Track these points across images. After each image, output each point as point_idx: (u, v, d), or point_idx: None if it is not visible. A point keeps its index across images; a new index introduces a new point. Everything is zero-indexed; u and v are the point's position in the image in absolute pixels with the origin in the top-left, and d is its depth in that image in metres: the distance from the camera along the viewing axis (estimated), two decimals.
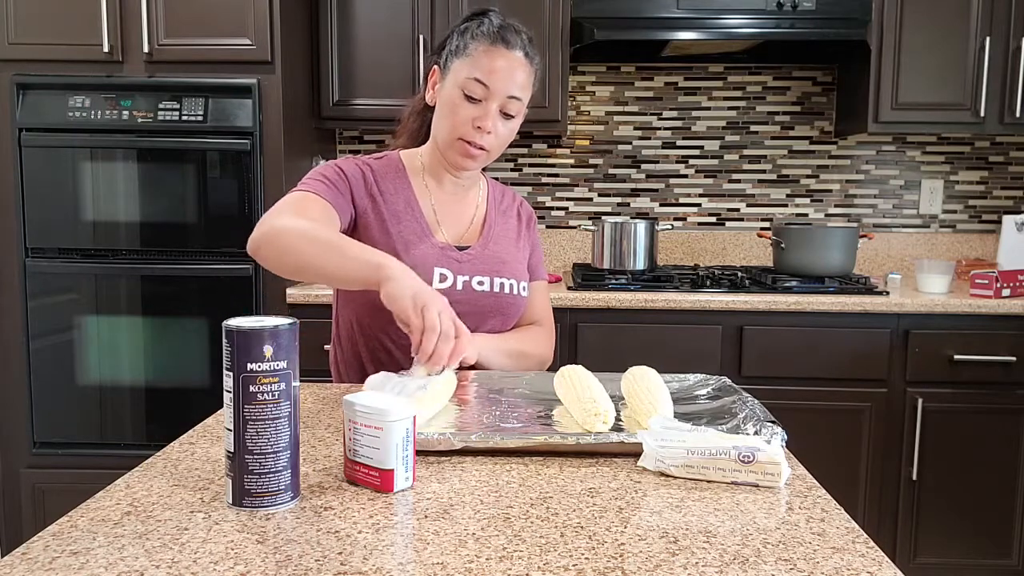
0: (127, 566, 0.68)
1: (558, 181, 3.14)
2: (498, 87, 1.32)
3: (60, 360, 2.54)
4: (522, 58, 1.34)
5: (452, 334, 1.04)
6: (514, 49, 1.33)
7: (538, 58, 1.39)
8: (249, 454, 0.80)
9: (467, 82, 1.32)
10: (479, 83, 1.31)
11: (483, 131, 1.33)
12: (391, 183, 1.39)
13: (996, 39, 2.66)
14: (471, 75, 1.31)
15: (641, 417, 1.06)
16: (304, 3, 2.69)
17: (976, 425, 2.48)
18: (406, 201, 1.38)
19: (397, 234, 1.35)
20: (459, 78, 1.32)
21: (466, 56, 1.33)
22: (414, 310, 1.05)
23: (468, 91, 1.32)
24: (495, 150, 1.38)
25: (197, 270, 2.50)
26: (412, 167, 1.43)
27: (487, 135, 1.34)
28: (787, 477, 0.90)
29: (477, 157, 1.36)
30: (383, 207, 1.36)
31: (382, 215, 1.35)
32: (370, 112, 2.76)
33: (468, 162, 1.37)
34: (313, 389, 1.30)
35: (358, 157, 1.41)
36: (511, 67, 1.33)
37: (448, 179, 1.43)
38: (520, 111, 1.37)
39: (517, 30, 1.36)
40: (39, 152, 2.48)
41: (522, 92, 1.35)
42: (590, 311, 2.46)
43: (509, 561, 0.70)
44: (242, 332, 0.79)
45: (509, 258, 1.44)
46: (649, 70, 3.08)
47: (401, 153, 1.46)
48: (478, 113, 1.32)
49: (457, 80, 1.33)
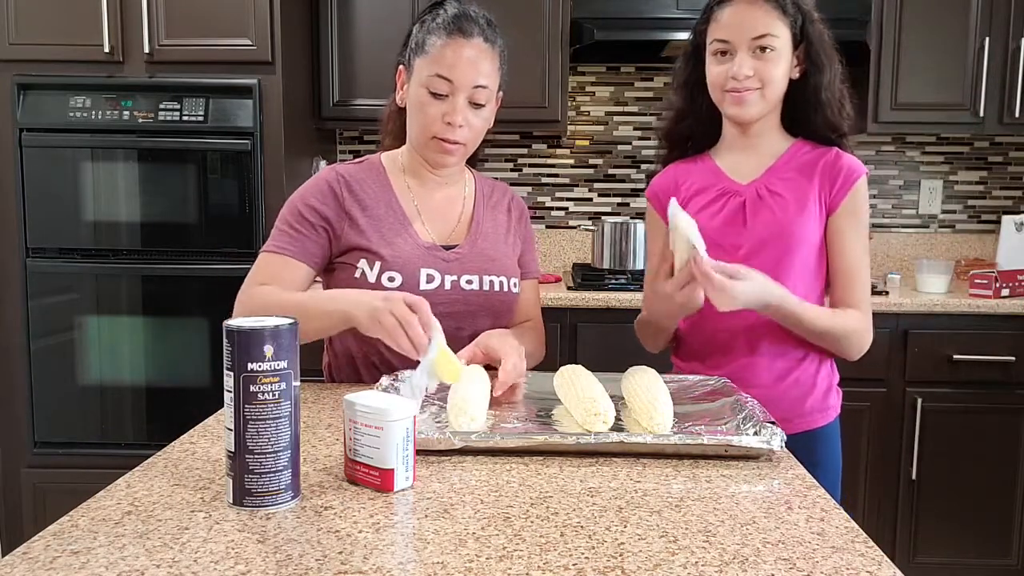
0: (128, 565, 0.68)
1: (558, 181, 3.14)
2: (461, 80, 1.30)
3: (61, 360, 2.54)
4: (482, 43, 1.32)
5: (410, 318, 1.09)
6: (472, 37, 1.31)
7: (500, 39, 1.36)
8: (249, 454, 0.80)
9: (430, 79, 1.30)
10: (442, 79, 1.30)
11: (454, 126, 1.31)
12: (370, 188, 1.38)
13: (995, 39, 2.66)
14: (432, 71, 1.30)
15: (641, 417, 1.06)
16: (304, 3, 2.69)
17: (975, 425, 2.48)
18: (387, 204, 1.38)
19: (380, 238, 1.34)
20: (422, 76, 1.31)
21: (425, 53, 1.32)
22: (375, 326, 1.12)
23: (433, 88, 1.30)
24: (471, 142, 1.37)
25: (198, 270, 2.50)
26: (392, 168, 1.42)
27: (460, 129, 1.32)
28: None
29: (454, 152, 1.35)
30: (360, 216, 1.35)
31: (361, 224, 1.35)
32: (370, 112, 2.75)
33: (446, 158, 1.36)
34: (313, 389, 1.30)
35: (334, 167, 1.40)
36: (472, 56, 1.30)
37: (430, 177, 1.42)
38: (490, 98, 1.35)
39: (473, 16, 1.33)
40: (40, 152, 2.48)
41: (487, 79, 1.32)
42: (590, 311, 2.46)
43: (509, 561, 0.70)
44: (243, 332, 0.79)
45: (498, 255, 1.43)
46: (649, 70, 3.08)
47: (382, 156, 1.45)
48: (446, 109, 1.31)
49: (420, 79, 1.32)
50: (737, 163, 1.42)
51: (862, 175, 1.36)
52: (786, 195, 1.36)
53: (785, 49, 1.33)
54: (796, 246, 1.34)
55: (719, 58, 1.35)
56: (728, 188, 1.40)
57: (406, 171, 1.42)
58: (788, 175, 1.38)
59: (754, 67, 1.32)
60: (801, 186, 1.36)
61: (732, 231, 1.37)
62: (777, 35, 1.32)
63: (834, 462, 1.41)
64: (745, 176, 1.40)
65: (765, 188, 1.37)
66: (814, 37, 1.34)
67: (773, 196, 1.36)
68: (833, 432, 1.42)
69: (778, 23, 1.32)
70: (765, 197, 1.37)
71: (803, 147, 1.40)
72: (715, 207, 1.40)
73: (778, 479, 0.92)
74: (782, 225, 1.34)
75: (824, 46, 1.35)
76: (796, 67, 1.36)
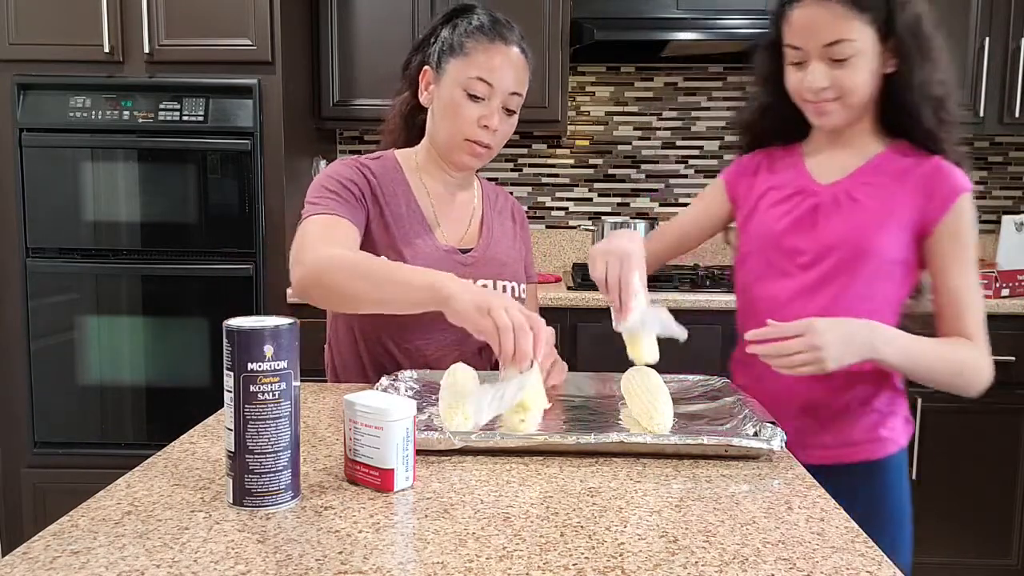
0: (128, 565, 0.68)
1: (558, 181, 3.14)
2: (501, 84, 1.31)
3: (60, 360, 2.54)
4: (519, 53, 1.34)
5: (526, 326, 1.01)
6: (512, 45, 1.33)
7: (531, 52, 1.38)
8: (249, 454, 0.80)
9: (470, 81, 1.30)
10: (482, 82, 1.30)
11: (490, 129, 1.32)
12: (390, 184, 1.38)
13: (996, 39, 2.66)
14: (473, 74, 1.30)
15: (641, 417, 1.06)
16: (304, 3, 2.69)
17: (975, 425, 2.48)
18: (407, 203, 1.37)
19: (401, 237, 1.34)
20: (460, 77, 1.31)
21: (464, 55, 1.32)
22: (482, 318, 1.02)
23: (471, 90, 1.30)
24: (497, 147, 1.37)
25: (198, 270, 2.50)
26: (408, 167, 1.42)
27: (493, 133, 1.33)
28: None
29: (482, 156, 1.36)
30: (385, 210, 1.35)
31: (385, 218, 1.34)
32: (370, 112, 2.75)
33: (472, 161, 1.37)
34: (313, 389, 1.30)
35: (355, 159, 1.38)
36: (512, 63, 1.32)
37: (445, 178, 1.42)
38: (519, 106, 1.37)
39: (510, 25, 1.35)
40: (40, 152, 2.48)
41: (522, 87, 1.35)
42: (590, 311, 2.46)
43: (509, 561, 0.70)
44: (243, 332, 0.79)
45: (509, 260, 1.44)
46: (649, 70, 3.08)
47: (396, 153, 1.44)
48: (483, 112, 1.31)
49: (458, 80, 1.31)
50: (823, 161, 1.29)
51: (965, 192, 1.20)
52: (867, 203, 1.22)
53: (867, 50, 1.17)
54: (866, 260, 1.21)
55: (795, 65, 1.22)
56: (804, 188, 1.28)
57: (421, 171, 1.42)
58: (875, 180, 1.23)
59: (830, 76, 1.18)
60: (889, 195, 1.22)
61: (798, 234, 1.26)
62: (853, 38, 1.16)
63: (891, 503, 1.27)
64: (828, 176, 1.27)
65: (845, 193, 1.24)
66: (903, 29, 1.18)
67: (852, 202, 1.23)
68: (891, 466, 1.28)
69: (854, 24, 1.16)
70: (842, 202, 1.24)
71: (900, 151, 1.25)
72: (785, 206, 1.29)
73: (778, 479, 0.92)
74: (854, 235, 1.21)
75: (918, 39, 1.19)
76: (890, 60, 1.20)
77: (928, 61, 1.19)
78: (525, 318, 1.01)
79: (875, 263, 1.21)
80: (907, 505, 1.29)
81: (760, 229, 1.31)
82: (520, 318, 1.00)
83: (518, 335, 0.99)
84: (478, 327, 1.03)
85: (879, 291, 1.23)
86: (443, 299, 1.07)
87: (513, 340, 0.99)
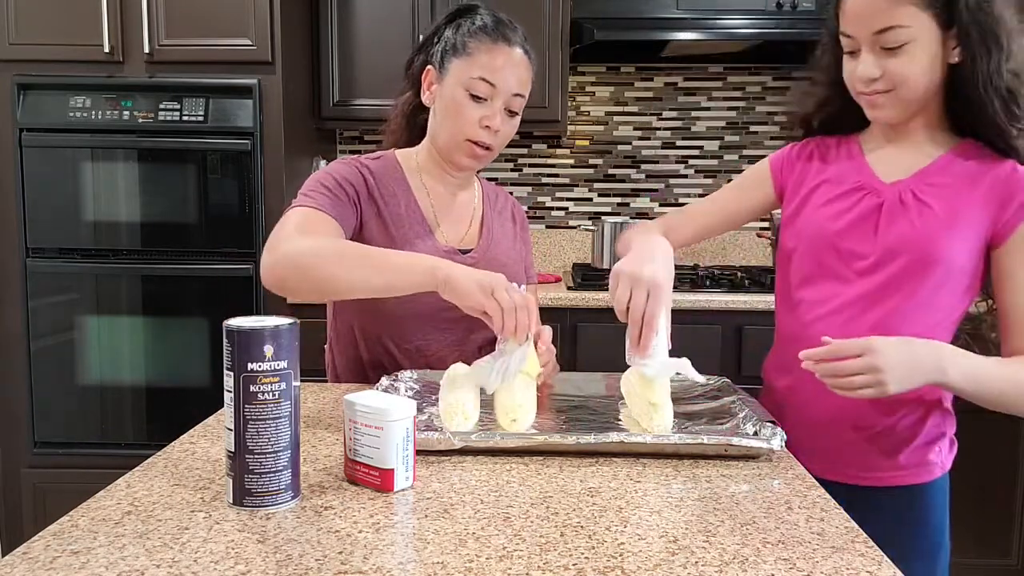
0: (128, 565, 0.68)
1: (558, 181, 3.14)
2: (504, 85, 1.31)
3: (60, 360, 2.54)
4: (522, 54, 1.34)
5: (523, 303, 1.07)
6: (515, 46, 1.33)
7: (533, 53, 1.38)
8: (249, 454, 0.80)
9: (472, 82, 1.30)
10: (485, 82, 1.30)
11: (492, 130, 1.32)
12: (390, 184, 1.38)
13: None
14: (476, 74, 1.30)
15: (641, 417, 1.06)
16: (304, 3, 2.69)
17: (976, 425, 2.47)
18: (406, 203, 1.37)
19: (400, 237, 1.33)
20: (463, 78, 1.31)
21: (467, 55, 1.31)
22: (486, 298, 1.07)
23: (474, 91, 1.30)
24: (498, 148, 1.37)
25: (197, 270, 2.50)
26: (408, 167, 1.42)
27: (495, 133, 1.33)
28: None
29: (482, 157, 1.36)
30: (384, 210, 1.34)
31: (383, 218, 1.34)
32: (370, 112, 2.75)
33: (473, 162, 1.36)
34: (313, 389, 1.30)
35: (356, 158, 1.38)
36: (515, 64, 1.32)
37: (447, 179, 1.42)
38: (521, 107, 1.36)
39: (514, 26, 1.35)
40: (40, 152, 2.47)
41: (525, 88, 1.35)
42: (590, 311, 2.46)
43: (509, 560, 0.70)
44: (243, 332, 0.79)
45: (509, 261, 1.44)
46: (649, 70, 3.08)
47: (397, 153, 1.44)
48: (485, 112, 1.31)
49: (460, 80, 1.31)
50: (886, 157, 1.20)
51: None
52: (935, 205, 1.13)
53: (924, 37, 1.08)
54: (933, 267, 1.12)
55: (849, 55, 1.15)
56: (867, 185, 1.19)
57: (422, 171, 1.41)
58: (944, 181, 1.15)
59: (881, 66, 1.10)
60: (958, 198, 1.13)
61: (859, 236, 1.17)
62: (908, 24, 1.07)
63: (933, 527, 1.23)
64: (891, 174, 1.18)
65: (911, 193, 1.15)
66: (966, 16, 1.07)
67: (919, 204, 1.14)
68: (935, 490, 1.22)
69: (909, 9, 1.07)
70: (908, 204, 1.15)
71: (970, 150, 1.16)
72: (845, 203, 1.19)
73: (778, 479, 0.92)
74: (921, 240, 1.12)
75: (983, 25, 1.07)
76: (954, 49, 1.10)
77: (997, 49, 1.08)
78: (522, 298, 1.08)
79: (942, 271, 1.12)
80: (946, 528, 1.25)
81: (811, 227, 1.22)
82: (520, 298, 1.08)
83: (519, 313, 1.06)
84: (481, 306, 1.07)
85: (943, 302, 1.14)
86: (440, 281, 1.10)
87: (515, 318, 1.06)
